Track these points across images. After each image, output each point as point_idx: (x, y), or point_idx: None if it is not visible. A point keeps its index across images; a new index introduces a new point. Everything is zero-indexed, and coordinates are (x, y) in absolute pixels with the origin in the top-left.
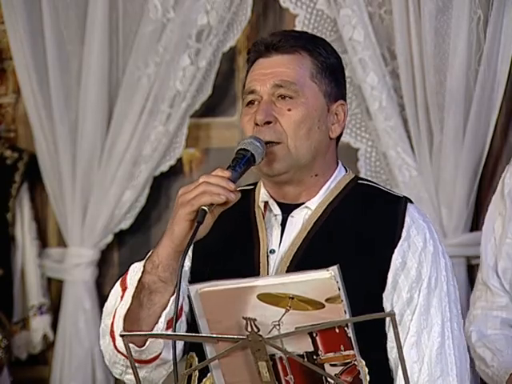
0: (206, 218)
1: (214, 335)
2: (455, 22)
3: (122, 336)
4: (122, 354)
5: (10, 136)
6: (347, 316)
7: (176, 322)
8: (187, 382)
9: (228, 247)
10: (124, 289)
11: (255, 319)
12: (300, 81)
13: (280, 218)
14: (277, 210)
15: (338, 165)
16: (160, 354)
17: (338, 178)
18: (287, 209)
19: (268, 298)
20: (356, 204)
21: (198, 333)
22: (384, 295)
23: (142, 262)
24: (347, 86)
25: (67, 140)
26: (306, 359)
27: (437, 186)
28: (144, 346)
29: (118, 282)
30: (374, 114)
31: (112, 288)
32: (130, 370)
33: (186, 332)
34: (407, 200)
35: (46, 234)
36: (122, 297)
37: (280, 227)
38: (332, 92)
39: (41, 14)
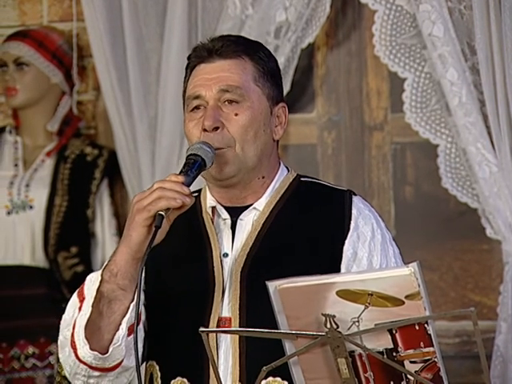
0: (162, 222)
1: (294, 331)
2: None
3: (201, 332)
4: (85, 363)
5: (90, 133)
6: (427, 313)
7: (137, 328)
8: None
9: (181, 255)
10: (82, 299)
11: (334, 316)
12: (245, 85)
13: (229, 221)
14: (225, 215)
15: (280, 165)
16: (122, 361)
17: (281, 178)
18: (235, 212)
19: (347, 295)
20: (302, 201)
21: (157, 339)
22: None
23: (99, 272)
24: (427, 81)
25: (146, 137)
26: (385, 356)
27: None
28: (107, 353)
29: (75, 293)
30: (454, 109)
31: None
32: (92, 381)
33: (144, 340)
34: (351, 193)
35: None
36: (80, 308)
37: (230, 231)
38: (274, 95)
39: (120, 12)
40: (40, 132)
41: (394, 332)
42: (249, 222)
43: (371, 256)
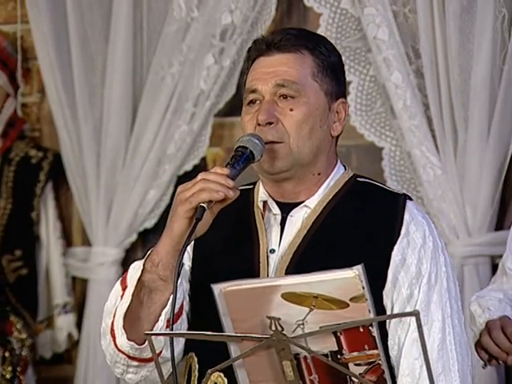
0: (204, 215)
1: (239, 334)
2: (480, 21)
3: (146, 335)
4: (123, 352)
5: (35, 135)
6: (372, 315)
7: (173, 321)
8: (187, 382)
9: (228, 247)
10: (124, 288)
11: (279, 318)
12: (302, 80)
13: (279, 217)
14: (276, 210)
15: (337, 162)
16: (161, 352)
17: (336, 176)
18: (286, 208)
19: (292, 297)
20: (355, 202)
21: (200, 330)
22: (384, 292)
23: (142, 261)
24: (371, 85)
25: (91, 139)
26: (330, 358)
27: (461, 185)
28: (144, 343)
29: (118, 282)
30: (399, 112)
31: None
32: (131, 369)
33: (188, 330)
34: (406, 197)
35: (71, 233)
36: (122, 296)
37: (279, 227)
38: (333, 90)
39: (65, 14)
40: None
41: (338, 334)
42: (299, 220)
43: (420, 263)
